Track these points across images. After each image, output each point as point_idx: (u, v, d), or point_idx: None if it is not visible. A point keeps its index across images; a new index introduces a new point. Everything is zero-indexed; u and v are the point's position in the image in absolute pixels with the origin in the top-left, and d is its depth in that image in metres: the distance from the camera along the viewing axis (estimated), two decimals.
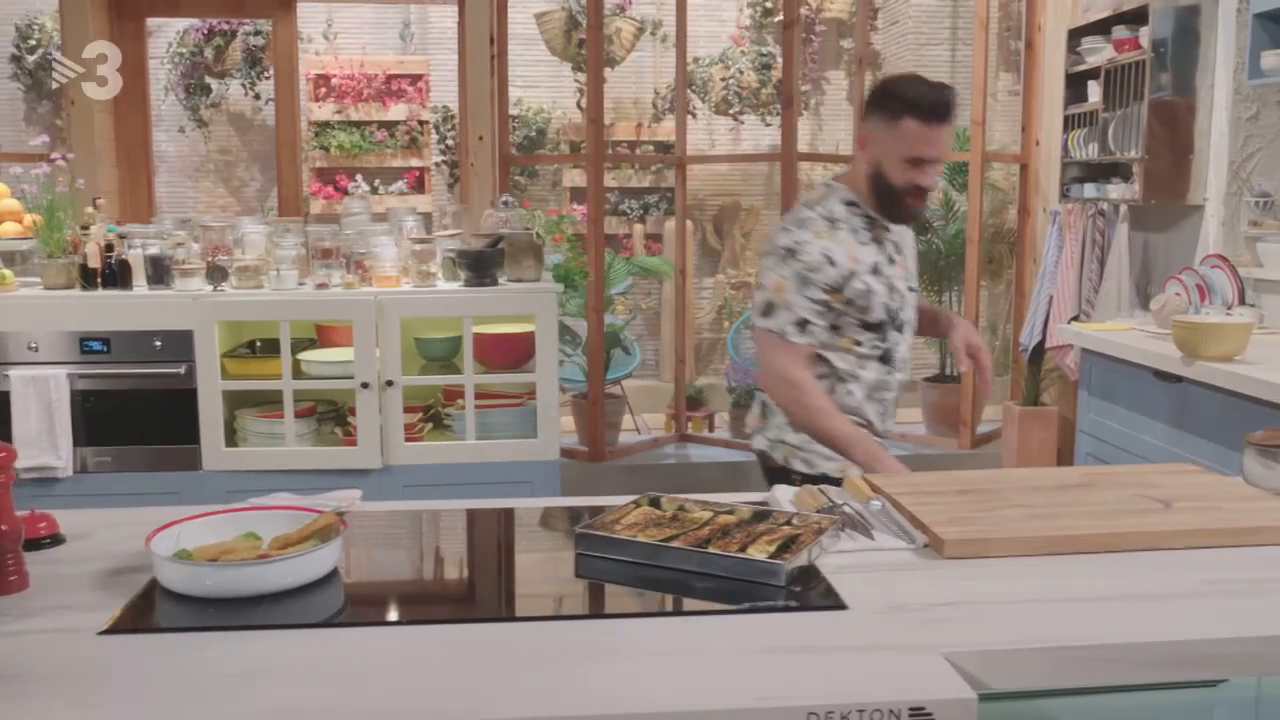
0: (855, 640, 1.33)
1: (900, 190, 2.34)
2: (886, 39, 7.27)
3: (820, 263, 2.33)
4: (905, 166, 2.31)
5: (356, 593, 1.57)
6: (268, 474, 3.64)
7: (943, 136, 2.31)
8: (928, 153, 2.29)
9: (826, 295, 2.34)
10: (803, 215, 2.39)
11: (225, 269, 3.62)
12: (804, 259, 2.33)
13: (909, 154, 2.29)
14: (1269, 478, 1.95)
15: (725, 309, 7.28)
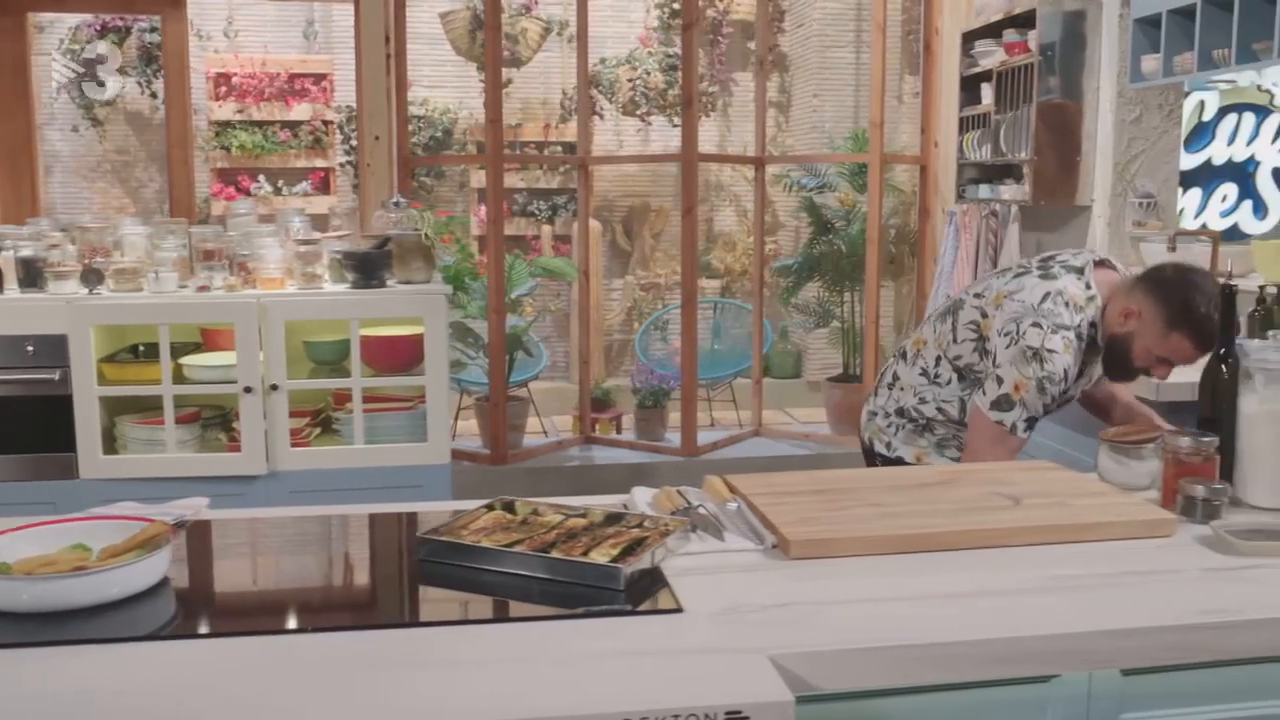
0: (685, 644, 1.31)
1: (1135, 367, 2.39)
2: (793, 41, 7.32)
3: (1061, 378, 2.35)
4: (1154, 359, 2.35)
5: (187, 604, 1.51)
6: (148, 482, 3.53)
7: (1197, 360, 2.26)
8: (1175, 360, 2.33)
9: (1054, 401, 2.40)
10: (1060, 316, 2.36)
11: (101, 272, 3.50)
12: (1049, 370, 2.34)
13: (1163, 354, 2.33)
14: (1120, 473, 1.98)
15: (635, 310, 7.28)
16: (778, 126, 7.44)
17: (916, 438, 2.62)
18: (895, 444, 2.65)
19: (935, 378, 2.55)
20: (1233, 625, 1.37)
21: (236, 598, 1.58)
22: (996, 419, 2.36)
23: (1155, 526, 1.69)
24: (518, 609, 1.47)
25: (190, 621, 1.46)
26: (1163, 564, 1.58)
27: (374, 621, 1.39)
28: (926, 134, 5.48)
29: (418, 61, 7.20)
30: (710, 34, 7.12)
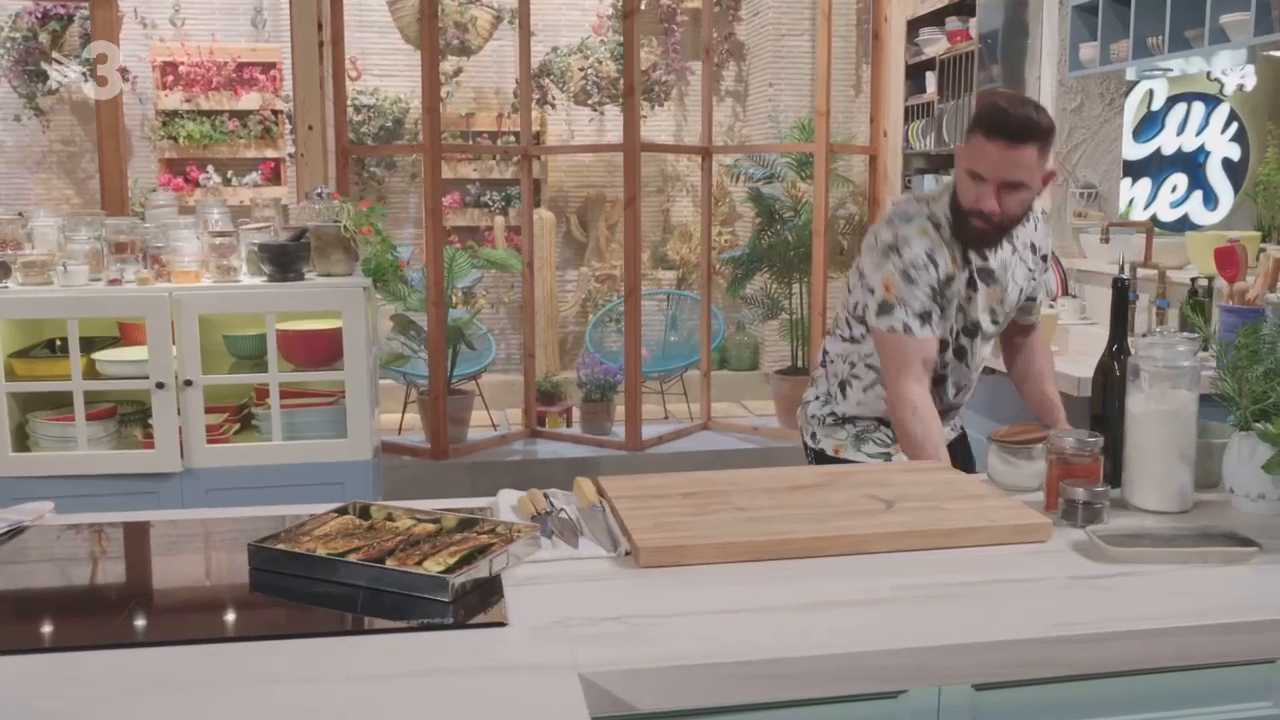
0: (495, 661, 1.24)
1: (965, 210, 2.22)
2: (750, 29, 7.24)
3: (925, 263, 2.24)
4: (968, 183, 2.19)
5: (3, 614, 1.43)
6: (59, 479, 3.44)
7: (1004, 157, 2.13)
8: (982, 168, 2.15)
9: (938, 295, 2.26)
10: (909, 210, 2.30)
11: (9, 265, 3.41)
12: (909, 257, 2.24)
13: (968, 167, 2.18)
14: (1009, 474, 1.91)
15: (590, 302, 7.20)
16: (735, 116, 7.36)
17: (836, 430, 2.55)
18: (819, 435, 2.58)
19: (849, 337, 2.47)
20: (1086, 639, 1.31)
21: (46, 609, 1.49)
22: (886, 327, 2.26)
23: (1029, 531, 1.63)
24: (334, 622, 1.39)
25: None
26: (1029, 572, 1.51)
27: (172, 637, 1.31)
28: (876, 123, 5.40)
29: (369, 50, 7.11)
30: (664, 22, 7.04)
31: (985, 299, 2.34)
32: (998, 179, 2.14)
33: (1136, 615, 1.35)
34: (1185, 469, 1.77)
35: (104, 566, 1.68)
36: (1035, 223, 2.43)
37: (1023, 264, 2.39)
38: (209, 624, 1.40)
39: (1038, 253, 2.44)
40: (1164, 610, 1.37)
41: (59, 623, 1.42)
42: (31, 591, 1.56)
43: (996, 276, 2.34)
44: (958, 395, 2.47)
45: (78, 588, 1.59)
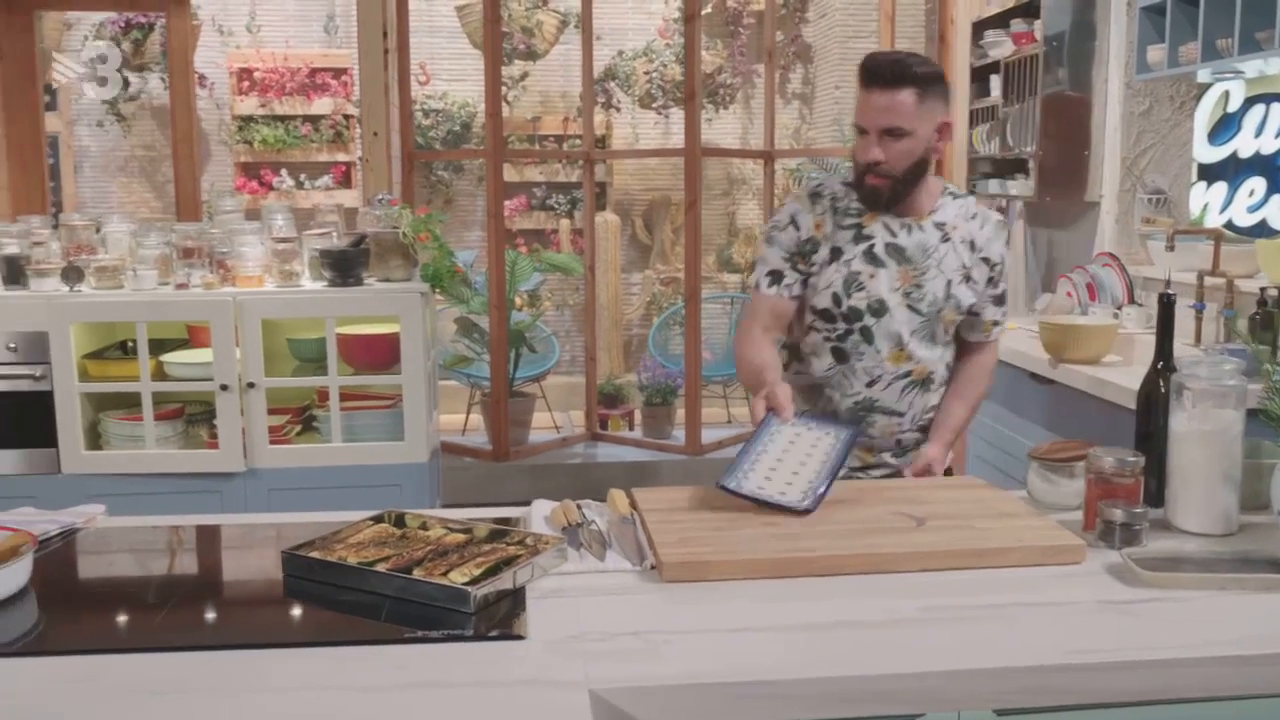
0: (507, 675, 1.26)
1: (859, 167, 2.17)
2: (817, 31, 7.19)
3: (785, 222, 2.27)
4: (858, 140, 2.17)
5: (42, 617, 1.48)
6: (129, 477, 3.55)
7: (878, 103, 2.09)
8: (862, 119, 2.13)
9: (792, 255, 2.25)
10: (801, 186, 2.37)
11: (82, 269, 3.52)
12: (775, 219, 2.31)
13: (854, 121, 2.19)
14: (1049, 492, 1.88)
15: (654, 304, 7.21)
16: (801, 119, 7.32)
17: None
18: None
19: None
20: (1107, 667, 1.28)
21: (91, 612, 1.55)
22: (751, 283, 2.35)
23: (1061, 553, 1.60)
24: (357, 631, 1.42)
25: (35, 638, 1.43)
26: (1058, 595, 1.48)
27: (198, 642, 1.35)
28: None
29: (439, 55, 7.20)
30: (730, 25, 7.02)
31: (893, 278, 2.20)
32: (876, 127, 2.11)
33: (1162, 643, 1.32)
34: (1230, 491, 1.73)
35: (144, 570, 1.73)
36: (983, 220, 2.28)
37: (956, 256, 2.22)
38: (236, 629, 1.44)
39: (978, 252, 2.25)
40: (1191, 639, 1.34)
41: (90, 625, 1.47)
42: (68, 594, 1.61)
43: (909, 256, 2.21)
44: (872, 386, 2.24)
45: (113, 590, 1.64)
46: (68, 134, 7.07)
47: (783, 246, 2.27)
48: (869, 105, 2.12)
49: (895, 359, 2.23)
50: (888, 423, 2.27)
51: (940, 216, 2.24)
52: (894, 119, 2.09)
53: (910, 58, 2.12)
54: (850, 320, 2.22)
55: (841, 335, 2.23)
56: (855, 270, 2.21)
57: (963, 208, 2.27)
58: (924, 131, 2.11)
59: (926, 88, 2.09)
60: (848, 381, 2.25)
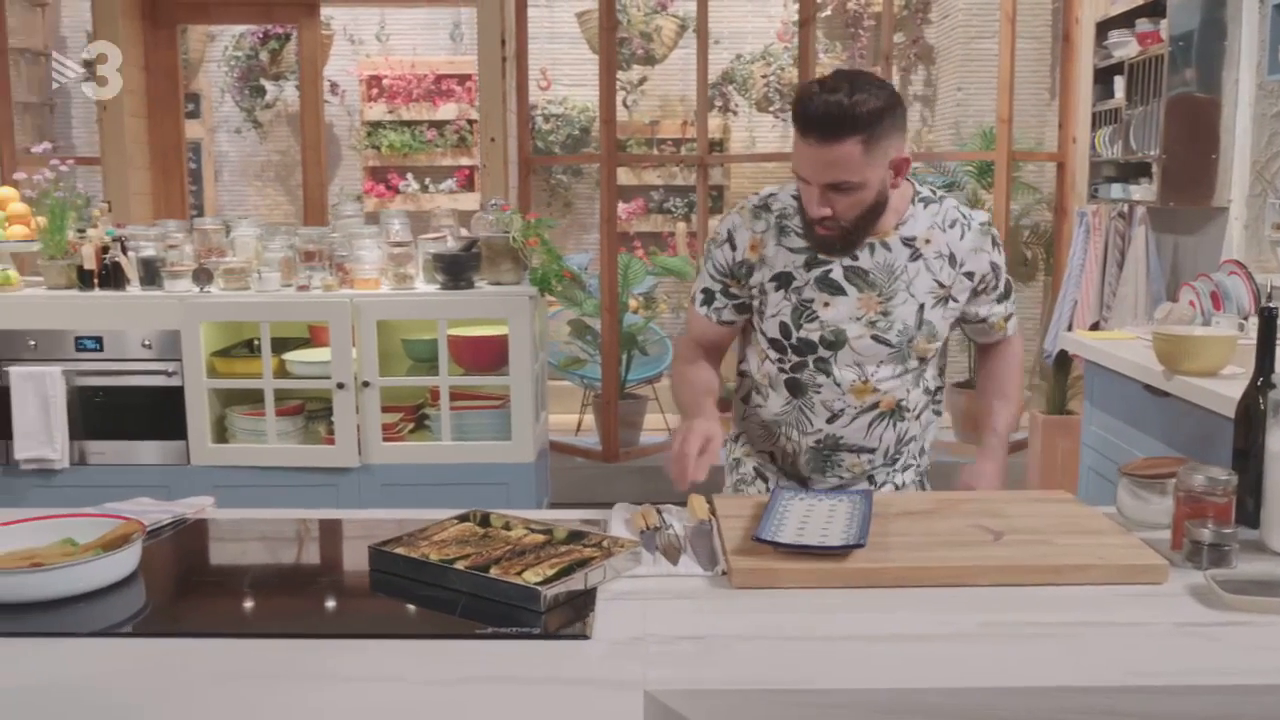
0: (570, 673, 1.30)
1: (807, 215, 1.95)
2: (939, 32, 7.07)
3: (722, 238, 2.05)
4: (800, 184, 1.93)
5: (149, 602, 1.59)
6: (251, 470, 3.74)
7: (817, 157, 1.83)
8: (801, 170, 1.89)
9: (724, 277, 2.06)
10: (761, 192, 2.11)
11: (211, 271, 3.71)
12: (716, 231, 2.09)
13: (797, 171, 1.91)
14: (1139, 509, 1.84)
15: None
16: (922, 121, 7.21)
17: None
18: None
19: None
20: (1169, 690, 1.26)
21: (190, 598, 1.65)
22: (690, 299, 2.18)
23: (1142, 572, 1.56)
24: (428, 625, 1.48)
25: (141, 620, 1.53)
26: (1133, 615, 1.45)
27: (279, 630, 1.43)
28: (1065, 129, 5.20)
29: (560, 60, 7.32)
30: (849, 27, 6.96)
31: (854, 305, 1.98)
32: (818, 182, 1.86)
33: (1234, 668, 1.29)
34: None
35: (243, 560, 1.83)
36: (963, 228, 2.01)
37: (929, 275, 1.98)
38: (318, 620, 1.52)
39: (959, 266, 2.01)
40: (1266, 665, 1.30)
41: (189, 610, 1.57)
42: (173, 580, 1.72)
43: (873, 280, 1.97)
44: (833, 422, 2.05)
45: (213, 578, 1.74)
46: (209, 140, 7.42)
47: (716, 265, 2.06)
48: (807, 158, 1.85)
49: (858, 392, 2.02)
50: (855, 460, 2.09)
51: (910, 229, 1.98)
52: (837, 174, 1.84)
53: (853, 94, 1.79)
54: (803, 353, 2.02)
55: (795, 366, 2.03)
56: (807, 299, 1.98)
57: (938, 215, 2.00)
58: (875, 178, 1.86)
59: (873, 130, 1.80)
60: (806, 418, 2.06)
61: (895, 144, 1.86)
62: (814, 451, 2.08)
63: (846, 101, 1.78)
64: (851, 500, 1.84)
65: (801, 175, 1.89)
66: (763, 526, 1.67)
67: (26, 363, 3.70)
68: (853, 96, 1.79)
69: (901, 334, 1.99)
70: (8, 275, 3.79)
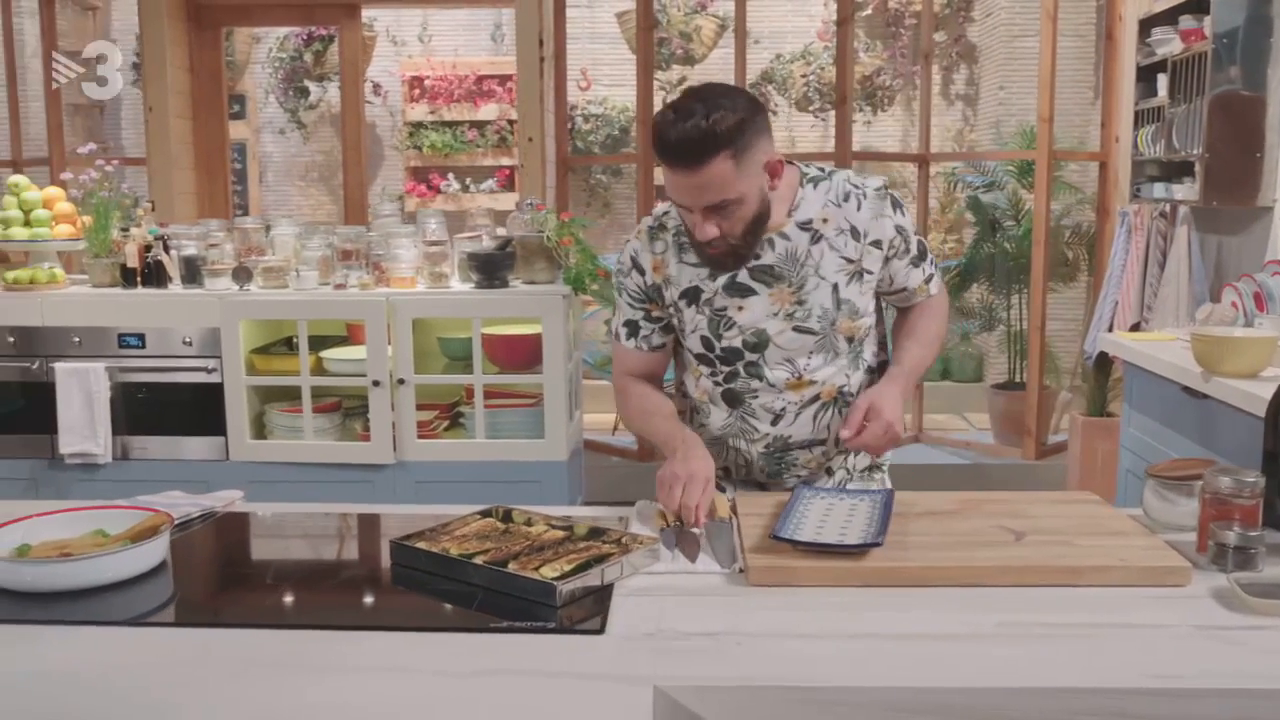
0: (580, 667, 1.31)
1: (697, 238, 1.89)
2: (982, 30, 7.01)
3: (628, 266, 2.04)
4: (680, 209, 1.88)
5: (176, 592, 1.62)
6: (289, 466, 3.79)
7: (689, 183, 1.78)
8: (677, 197, 1.84)
9: (643, 303, 2.04)
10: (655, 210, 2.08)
11: (250, 270, 3.76)
12: (619, 260, 2.07)
13: (669, 194, 1.86)
14: (1165, 511, 1.81)
15: None
16: (965, 120, 7.15)
17: None
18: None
19: None
20: (1184, 693, 1.24)
21: (215, 589, 1.68)
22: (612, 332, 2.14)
23: (1164, 574, 1.55)
24: (443, 618, 1.50)
25: (167, 610, 1.56)
26: (1151, 618, 1.44)
27: (303, 621, 1.46)
28: (1107, 128, 5.14)
29: (600, 60, 7.34)
30: (891, 26, 6.92)
31: (767, 303, 1.95)
32: (696, 207, 1.81)
33: (1251, 672, 1.27)
34: None
35: (268, 552, 1.86)
36: (858, 200, 1.95)
37: (835, 253, 1.94)
38: (337, 611, 1.54)
39: (864, 238, 1.95)
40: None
41: (214, 600, 1.60)
42: (200, 571, 1.75)
43: (780, 272, 1.94)
44: (778, 424, 2.03)
45: (238, 569, 1.77)
46: (254, 141, 7.52)
47: (630, 294, 2.04)
48: (680, 186, 1.80)
49: (795, 387, 2.00)
50: (810, 456, 2.06)
51: (804, 213, 1.93)
52: (714, 195, 1.78)
53: (709, 113, 1.73)
54: (730, 361, 1.99)
55: (728, 377, 2.01)
56: (719, 308, 1.96)
57: (830, 192, 1.95)
58: (752, 189, 1.81)
59: (738, 143, 1.75)
60: (750, 426, 2.04)
61: (764, 149, 1.82)
62: (766, 456, 2.07)
63: (705, 123, 1.73)
64: (873, 499, 1.83)
65: (679, 203, 1.86)
66: (781, 525, 1.67)
67: (72, 359, 3.78)
68: (710, 116, 1.73)
69: (821, 319, 1.96)
70: (54, 273, 3.87)
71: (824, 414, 2.03)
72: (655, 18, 6.67)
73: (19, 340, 3.80)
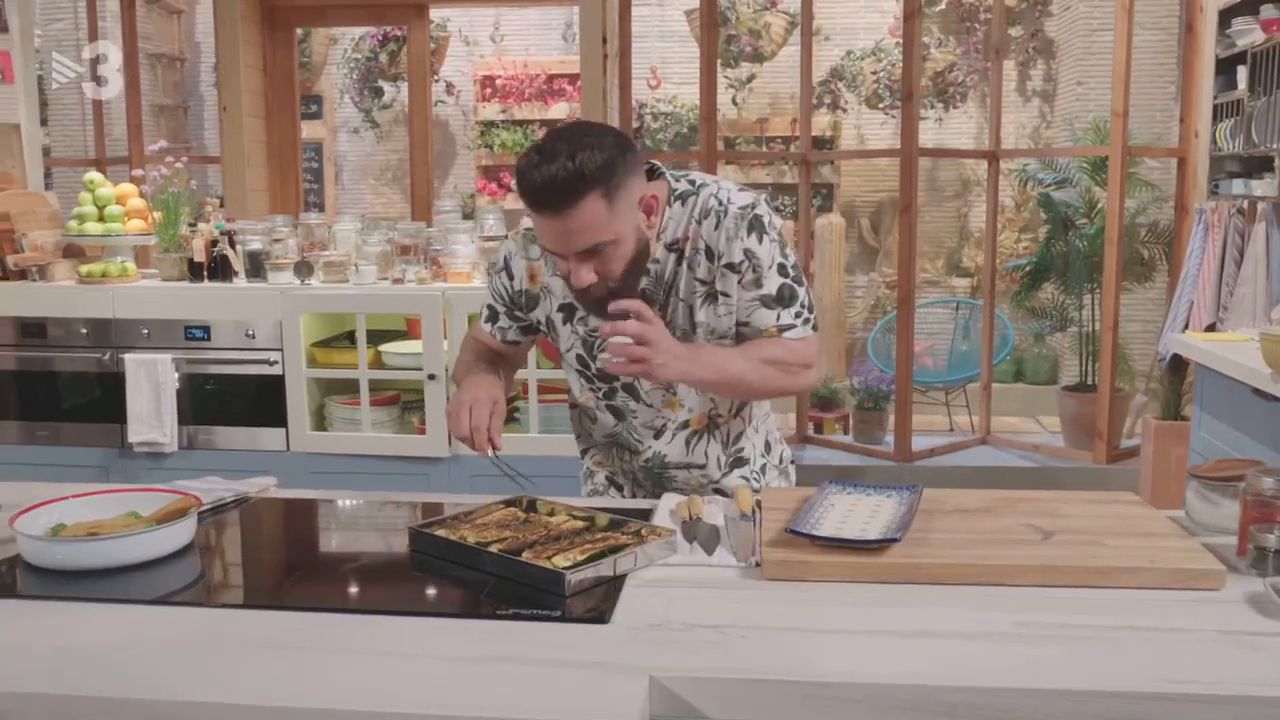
0: (580, 656, 1.30)
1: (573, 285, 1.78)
2: (1060, 25, 6.85)
3: (499, 266, 1.99)
4: (556, 259, 1.79)
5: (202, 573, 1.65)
6: (347, 458, 3.84)
7: (558, 229, 1.68)
8: (552, 245, 1.73)
9: (507, 304, 2.01)
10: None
11: (312, 264, 3.83)
12: (494, 257, 2.03)
13: (540, 241, 1.79)
14: (1207, 513, 1.75)
15: (879, 308, 7.08)
16: (1041, 117, 7.00)
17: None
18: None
19: None
20: (1202, 699, 1.19)
21: (239, 571, 1.71)
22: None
23: (1196, 577, 1.49)
24: (451, 604, 1.51)
25: (191, 590, 1.59)
26: (1178, 621, 1.38)
27: (317, 604, 1.47)
28: (1186, 123, 4.99)
29: (670, 59, 7.34)
30: (965, 21, 6.80)
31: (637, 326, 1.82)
32: (569, 253, 1.71)
33: (1271, 680, 1.21)
34: None
35: (295, 537, 1.89)
36: (717, 217, 1.82)
37: (690, 274, 1.84)
38: (350, 596, 1.56)
39: (719, 260, 1.83)
40: None
41: (237, 582, 1.63)
42: (227, 553, 1.78)
43: (651, 296, 1.85)
44: (659, 439, 1.99)
45: (264, 553, 1.80)
46: (330, 141, 7.66)
47: (496, 293, 2.01)
48: (549, 232, 1.70)
49: (670, 405, 1.96)
50: (690, 477, 2.03)
51: (671, 233, 1.84)
52: (587, 239, 1.68)
53: (574, 154, 1.62)
54: (606, 380, 1.96)
55: (607, 393, 1.99)
56: (593, 329, 1.91)
57: (693, 208, 1.84)
58: (628, 227, 1.71)
59: (609, 182, 1.65)
60: (634, 438, 2.02)
61: (637, 185, 1.73)
62: (646, 470, 2.05)
63: (572, 165, 1.62)
64: (900, 495, 1.79)
65: (551, 250, 1.76)
66: (800, 519, 1.65)
67: (141, 350, 3.88)
68: (576, 156, 1.62)
69: (682, 339, 1.84)
70: (125, 267, 3.98)
71: (697, 440, 2.00)
72: (724, 15, 6.66)
73: (91, 332, 3.92)
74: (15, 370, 4.00)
